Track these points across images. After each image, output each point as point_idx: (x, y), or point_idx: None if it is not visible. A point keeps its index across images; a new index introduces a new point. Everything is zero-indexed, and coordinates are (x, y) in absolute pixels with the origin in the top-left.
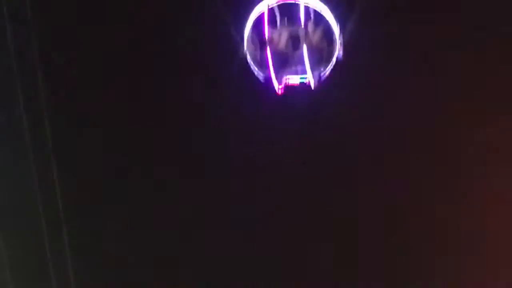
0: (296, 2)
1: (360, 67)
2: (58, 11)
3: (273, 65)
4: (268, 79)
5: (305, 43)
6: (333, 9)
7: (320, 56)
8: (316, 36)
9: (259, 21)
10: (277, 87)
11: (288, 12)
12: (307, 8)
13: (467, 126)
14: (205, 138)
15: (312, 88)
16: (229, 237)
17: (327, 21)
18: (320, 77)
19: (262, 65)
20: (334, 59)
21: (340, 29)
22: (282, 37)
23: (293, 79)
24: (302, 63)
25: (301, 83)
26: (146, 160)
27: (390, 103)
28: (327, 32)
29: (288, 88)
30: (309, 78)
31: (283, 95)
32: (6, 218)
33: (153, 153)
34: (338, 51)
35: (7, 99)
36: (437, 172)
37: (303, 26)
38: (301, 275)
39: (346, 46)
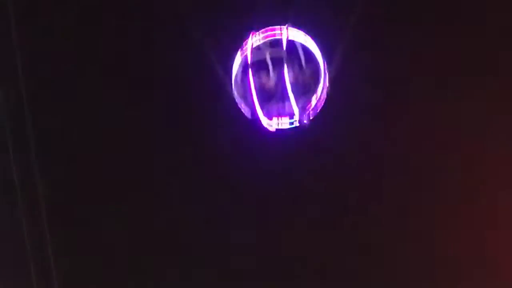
0: (279, 38)
1: (349, 101)
2: None
3: (260, 104)
4: (256, 119)
5: (291, 79)
6: (319, 44)
7: (307, 91)
8: (301, 71)
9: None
10: (266, 124)
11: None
12: (292, 43)
13: (466, 159)
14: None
15: (299, 124)
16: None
17: (313, 56)
18: (308, 114)
19: (250, 104)
20: (320, 94)
21: (326, 63)
22: (268, 75)
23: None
24: (289, 100)
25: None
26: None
27: (383, 135)
28: (314, 67)
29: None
30: (296, 116)
31: (272, 132)
32: None
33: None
34: (324, 86)
35: None
36: (436, 204)
37: (287, 62)
38: None
39: (333, 80)
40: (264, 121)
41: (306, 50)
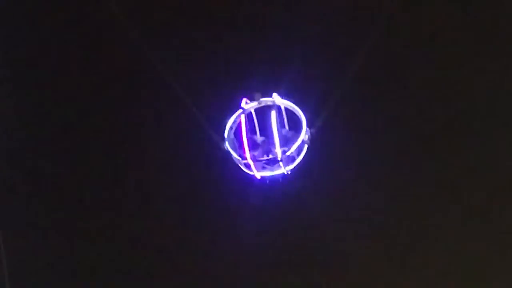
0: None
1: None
2: None
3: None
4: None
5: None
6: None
7: (290, 145)
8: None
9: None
10: (256, 173)
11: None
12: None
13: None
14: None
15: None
16: None
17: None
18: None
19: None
20: (301, 149)
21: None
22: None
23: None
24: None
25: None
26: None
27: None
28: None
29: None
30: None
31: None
32: None
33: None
34: (307, 140)
35: None
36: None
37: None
38: None
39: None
40: (255, 171)
41: (290, 112)
